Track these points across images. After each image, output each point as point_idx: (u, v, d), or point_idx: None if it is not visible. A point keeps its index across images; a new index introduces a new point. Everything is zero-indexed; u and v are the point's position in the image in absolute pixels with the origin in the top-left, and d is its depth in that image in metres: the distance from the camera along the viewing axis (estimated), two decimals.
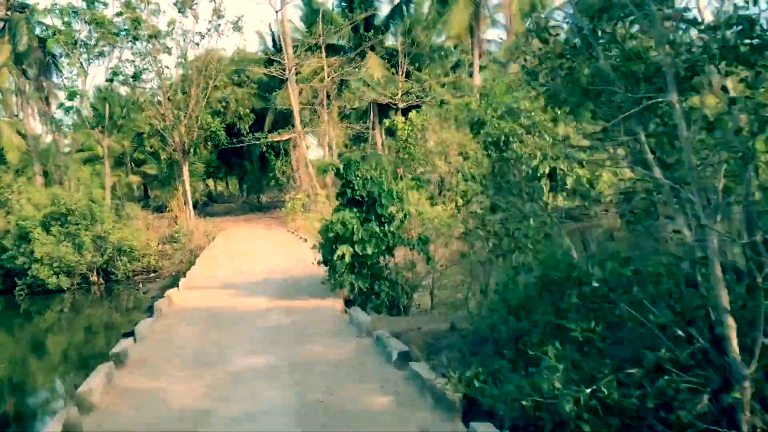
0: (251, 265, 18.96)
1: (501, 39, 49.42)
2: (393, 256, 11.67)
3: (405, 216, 11.61)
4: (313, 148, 47.91)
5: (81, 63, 31.78)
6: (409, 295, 11.43)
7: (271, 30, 44.37)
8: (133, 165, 47.59)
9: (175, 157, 31.70)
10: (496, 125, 29.01)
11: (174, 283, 18.71)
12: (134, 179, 44.83)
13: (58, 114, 37.29)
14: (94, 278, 26.28)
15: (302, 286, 14.41)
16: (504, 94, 29.89)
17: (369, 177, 11.61)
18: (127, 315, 21.36)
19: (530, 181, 26.75)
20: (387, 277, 11.53)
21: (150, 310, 14.62)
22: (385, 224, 11.42)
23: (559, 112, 26.47)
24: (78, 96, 31.28)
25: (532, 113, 28.98)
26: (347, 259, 10.88)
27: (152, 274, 26.97)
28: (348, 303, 11.78)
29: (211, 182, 75.65)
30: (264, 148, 53.60)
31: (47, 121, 34.61)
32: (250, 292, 14.24)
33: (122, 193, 46.13)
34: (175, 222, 31.42)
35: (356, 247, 10.82)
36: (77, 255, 25.28)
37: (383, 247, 11.20)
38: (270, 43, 45.88)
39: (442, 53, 36.62)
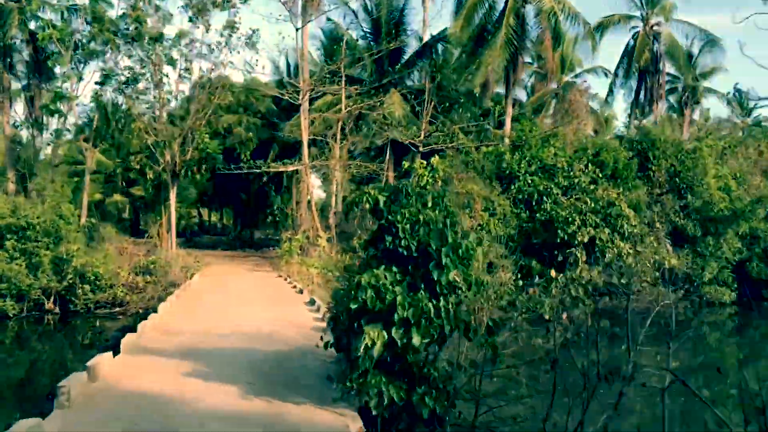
0: (229, 321, 14.62)
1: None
2: (442, 348, 7.76)
3: (474, 286, 7.52)
4: (315, 189, 44.46)
5: (74, 64, 28.65)
6: (449, 402, 7.52)
7: (286, 59, 41.57)
8: (123, 184, 44.12)
9: (164, 177, 28.20)
10: (529, 181, 25.67)
11: (135, 324, 15.02)
12: (119, 199, 41.15)
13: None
14: (49, 305, 22.47)
15: (296, 374, 9.83)
16: (540, 147, 26.65)
17: (423, 220, 7.65)
18: (80, 352, 17.65)
19: (564, 249, 23.25)
20: (435, 381, 7.36)
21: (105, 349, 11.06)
22: (442, 297, 7.29)
23: (600, 175, 23.00)
24: (66, 99, 27.97)
25: (571, 172, 25.79)
26: (378, 349, 6.83)
27: (116, 308, 23.16)
28: (368, 419, 7.47)
29: (205, 211, 72.33)
30: (264, 181, 50.45)
31: (30, 124, 31.11)
32: (217, 373, 9.54)
33: (106, 215, 42.62)
34: (154, 251, 27.64)
35: (395, 331, 6.84)
36: (31, 277, 21.55)
37: (435, 335, 7.05)
38: (284, 70, 43.13)
39: (471, 99, 33.60)
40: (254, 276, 25.57)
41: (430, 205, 7.82)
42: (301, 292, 20.14)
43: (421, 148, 29.67)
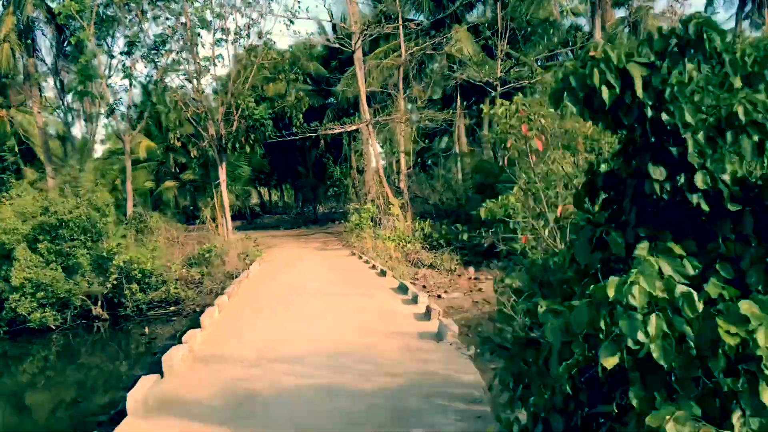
0: (299, 330, 10.75)
1: None
2: None
3: None
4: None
5: (102, 40, 25.52)
6: None
7: (330, 14, 37.65)
8: (176, 169, 41.46)
9: (211, 154, 24.93)
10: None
11: (189, 327, 11.75)
12: (170, 185, 38.41)
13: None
14: (97, 311, 19.69)
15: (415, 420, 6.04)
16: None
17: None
18: (134, 365, 14.65)
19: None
20: None
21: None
22: None
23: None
24: (93, 78, 24.93)
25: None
26: None
27: (171, 308, 20.19)
28: None
29: (264, 191, 69.91)
30: (320, 152, 47.02)
31: (64, 110, 28.38)
32: None
33: (160, 204, 40.11)
34: (209, 238, 24.52)
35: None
36: (70, 282, 18.72)
37: None
38: (330, 32, 39.30)
39: (547, 28, 28.85)
40: (323, 257, 21.96)
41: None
42: (383, 273, 16.45)
43: (498, 88, 25.39)
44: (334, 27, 38.65)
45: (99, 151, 42.06)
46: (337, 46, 25.20)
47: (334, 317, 11.47)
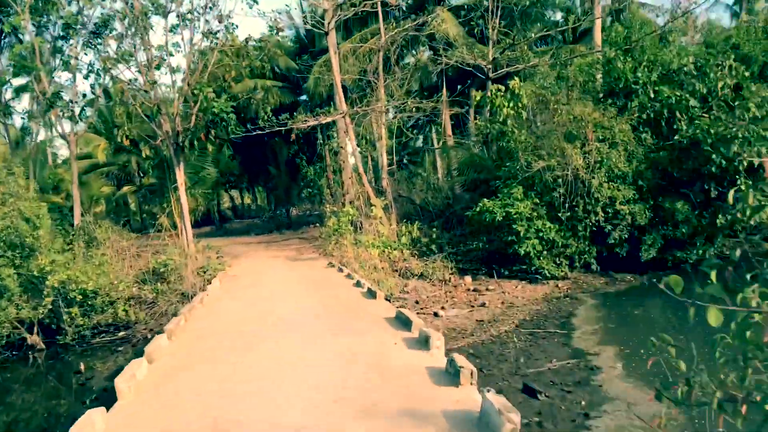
0: (259, 401, 7.05)
1: None
2: None
3: None
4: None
5: (43, 26, 22.40)
6: None
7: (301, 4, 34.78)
8: (140, 173, 38.21)
9: (167, 154, 21.91)
10: (651, 94, 18.63)
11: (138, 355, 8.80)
12: (127, 190, 35.16)
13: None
14: (33, 339, 16.65)
15: None
16: (656, 49, 19.54)
17: None
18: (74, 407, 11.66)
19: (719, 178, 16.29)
20: None
21: None
22: None
23: (746, 74, 14.44)
24: (30, 70, 21.79)
25: (712, 72, 18.61)
26: None
27: (120, 333, 17.21)
28: None
29: (236, 194, 66.80)
30: (292, 152, 44.13)
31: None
32: None
33: (121, 212, 36.97)
34: (168, 249, 21.50)
35: None
36: None
37: None
38: (300, 23, 36.50)
39: (540, 7, 26.28)
40: (296, 270, 18.86)
41: None
42: (371, 294, 13.14)
43: (491, 74, 22.71)
44: (304, 18, 35.83)
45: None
46: (309, 27, 22.31)
47: (314, 377, 7.77)
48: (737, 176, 16.75)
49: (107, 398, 8.82)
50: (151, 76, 20.61)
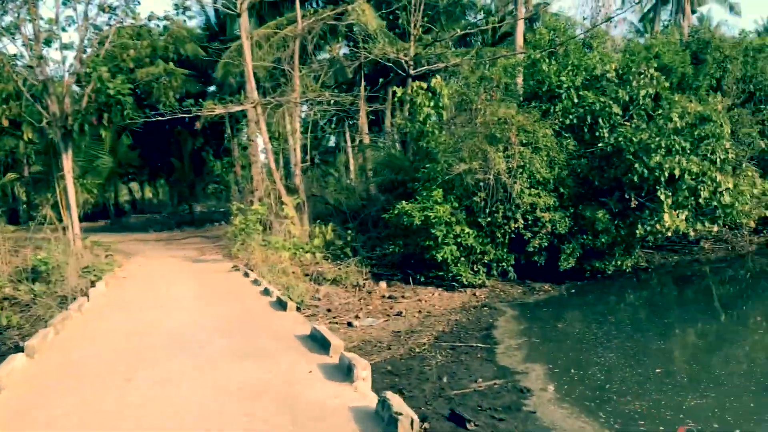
0: None
1: None
2: None
3: None
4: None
5: None
6: None
7: None
8: (30, 160, 34.83)
9: (53, 139, 19.62)
10: (575, 99, 18.29)
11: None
12: (11, 177, 31.96)
13: None
14: None
15: None
16: (581, 54, 19.27)
17: None
18: None
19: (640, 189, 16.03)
20: None
21: None
22: None
23: (665, 85, 14.43)
24: None
25: (630, 83, 18.45)
26: None
27: None
28: None
29: (136, 187, 63.15)
30: (198, 145, 41.94)
31: None
32: None
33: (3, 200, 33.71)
34: (51, 245, 19.20)
35: None
36: None
37: None
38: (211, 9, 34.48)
39: (462, 7, 25.71)
40: (196, 274, 16.99)
41: None
42: (281, 305, 11.70)
43: (411, 71, 21.81)
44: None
45: None
46: (218, 6, 20.59)
47: (205, 421, 6.12)
48: (657, 186, 16.57)
49: None
50: (37, 50, 18.36)
